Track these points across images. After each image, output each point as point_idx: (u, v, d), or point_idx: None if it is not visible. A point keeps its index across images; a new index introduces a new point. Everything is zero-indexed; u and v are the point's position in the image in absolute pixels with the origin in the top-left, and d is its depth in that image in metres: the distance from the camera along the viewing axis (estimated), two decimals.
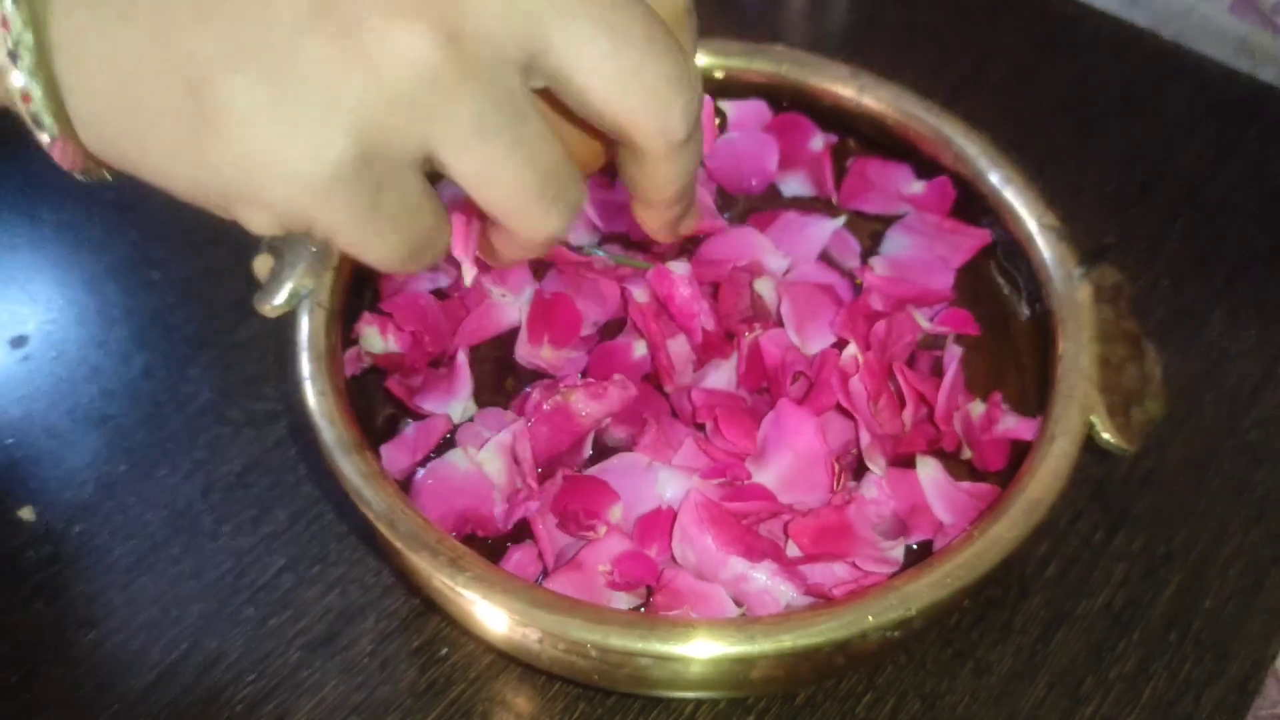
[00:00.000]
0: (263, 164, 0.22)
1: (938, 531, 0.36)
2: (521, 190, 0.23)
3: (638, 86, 0.23)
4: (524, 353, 0.38)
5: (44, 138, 0.23)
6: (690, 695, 0.38)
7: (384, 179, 0.23)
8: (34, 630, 0.41)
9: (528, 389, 0.38)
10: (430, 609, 0.41)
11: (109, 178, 0.25)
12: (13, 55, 0.22)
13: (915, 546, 0.36)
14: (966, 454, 0.38)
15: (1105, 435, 0.35)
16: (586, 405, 0.35)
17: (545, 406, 0.35)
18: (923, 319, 0.39)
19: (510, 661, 0.40)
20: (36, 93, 0.22)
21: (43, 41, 0.22)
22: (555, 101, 0.24)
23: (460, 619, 0.35)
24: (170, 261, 0.52)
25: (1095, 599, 0.42)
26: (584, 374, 0.38)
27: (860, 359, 0.36)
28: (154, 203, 0.54)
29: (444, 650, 0.40)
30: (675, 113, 0.24)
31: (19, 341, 0.49)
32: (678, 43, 0.24)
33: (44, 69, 0.22)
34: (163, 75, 0.22)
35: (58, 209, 0.54)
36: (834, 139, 0.46)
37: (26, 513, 0.44)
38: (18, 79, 0.22)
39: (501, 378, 0.40)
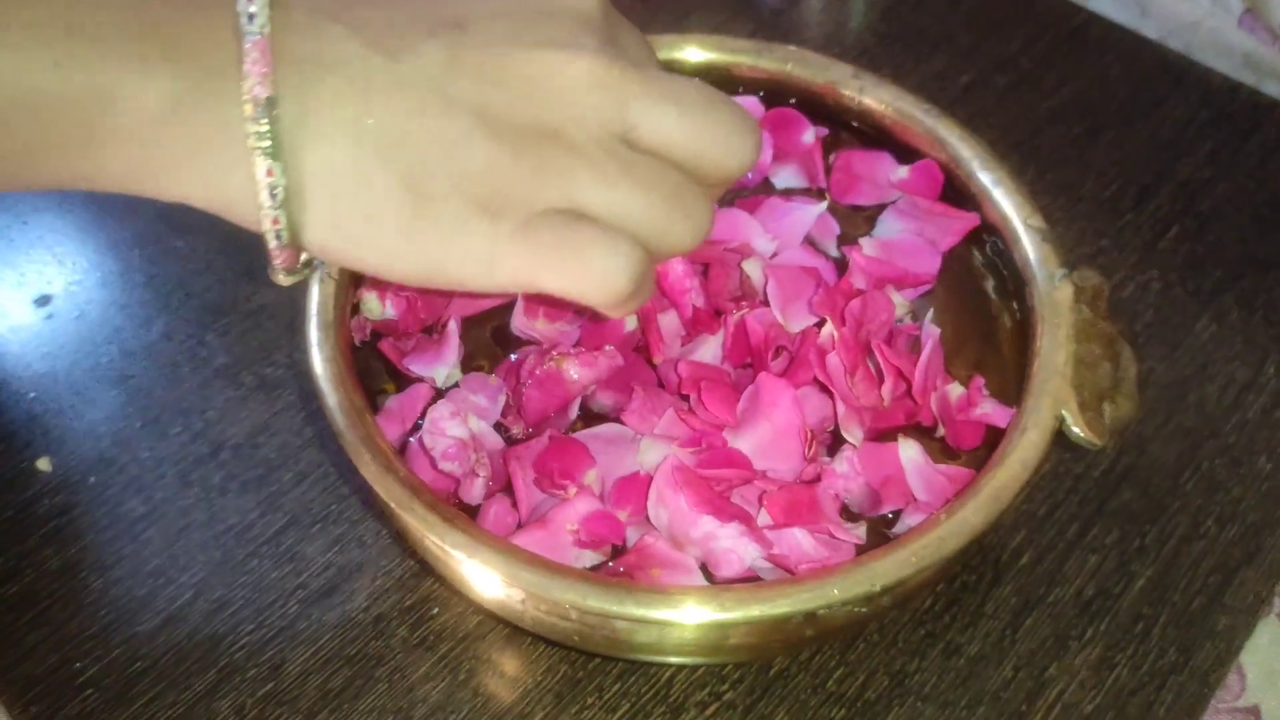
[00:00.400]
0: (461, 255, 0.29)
1: (909, 503, 0.38)
2: (651, 210, 0.30)
3: (710, 132, 0.31)
4: (520, 324, 0.40)
5: (274, 246, 0.29)
6: (666, 660, 0.39)
7: (563, 234, 0.29)
8: (44, 575, 0.43)
9: (517, 355, 0.39)
10: (424, 570, 0.43)
11: (306, 274, 0.32)
12: (272, 193, 0.28)
13: (890, 515, 0.38)
14: (941, 432, 0.39)
15: (1075, 429, 0.36)
16: (577, 371, 0.37)
17: (538, 371, 0.37)
18: (899, 298, 0.40)
19: (497, 623, 0.42)
20: (284, 219, 0.28)
21: (294, 173, 0.28)
22: None
23: (450, 578, 0.37)
24: (193, 230, 0.54)
25: (1067, 588, 0.43)
26: (576, 344, 0.40)
27: (836, 335, 0.37)
28: None
29: (435, 610, 0.42)
30: (745, 148, 0.31)
31: (44, 300, 0.51)
32: (726, 97, 0.32)
33: (294, 199, 0.28)
34: (391, 191, 0.28)
35: None
36: (824, 131, 0.47)
37: (44, 463, 0.46)
38: (272, 211, 0.28)
39: (493, 348, 0.41)
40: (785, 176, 0.47)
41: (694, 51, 0.47)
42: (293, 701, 0.40)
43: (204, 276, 0.52)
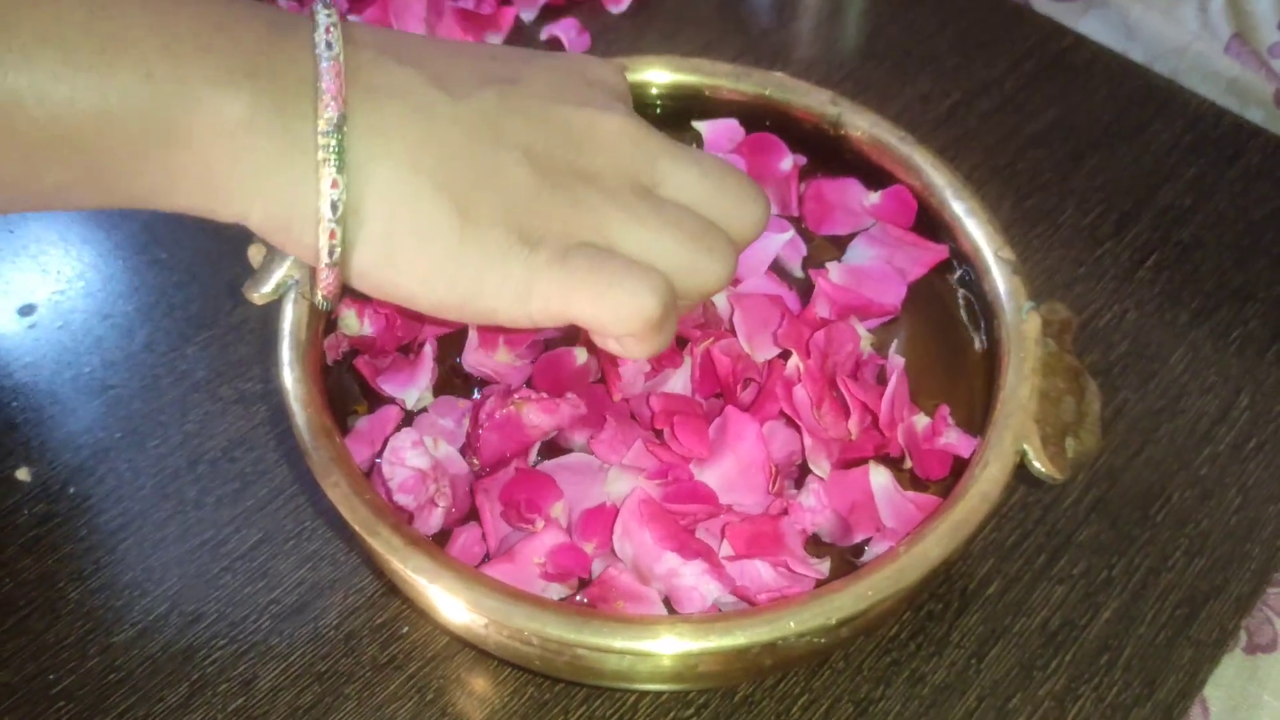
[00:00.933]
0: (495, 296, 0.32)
1: (877, 531, 0.38)
2: (680, 248, 0.32)
3: (724, 194, 0.34)
4: (472, 360, 0.40)
5: (325, 264, 0.31)
6: (629, 687, 0.40)
7: (598, 263, 0.32)
8: (22, 584, 0.44)
9: (480, 394, 0.40)
10: (393, 590, 0.43)
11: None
12: (334, 207, 0.30)
13: (864, 545, 0.38)
14: (909, 464, 0.40)
15: (1036, 464, 0.37)
16: (538, 417, 0.37)
17: (497, 415, 0.37)
18: (864, 330, 0.40)
19: (465, 645, 0.42)
20: (340, 234, 0.30)
21: (355, 189, 0.30)
22: None
23: (414, 600, 0.38)
24: (177, 243, 0.54)
25: (1033, 618, 0.44)
26: (529, 382, 0.40)
27: (801, 368, 0.38)
28: None
29: (405, 629, 0.43)
30: (756, 211, 0.35)
31: (28, 310, 0.51)
32: (739, 170, 0.36)
33: (352, 215, 0.30)
34: (442, 212, 0.31)
35: None
36: (803, 160, 0.48)
37: (23, 473, 0.46)
38: (330, 225, 0.30)
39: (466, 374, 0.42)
40: None
41: (672, 74, 0.48)
42: (263, 717, 0.41)
43: (187, 289, 0.52)
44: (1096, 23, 0.65)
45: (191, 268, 0.53)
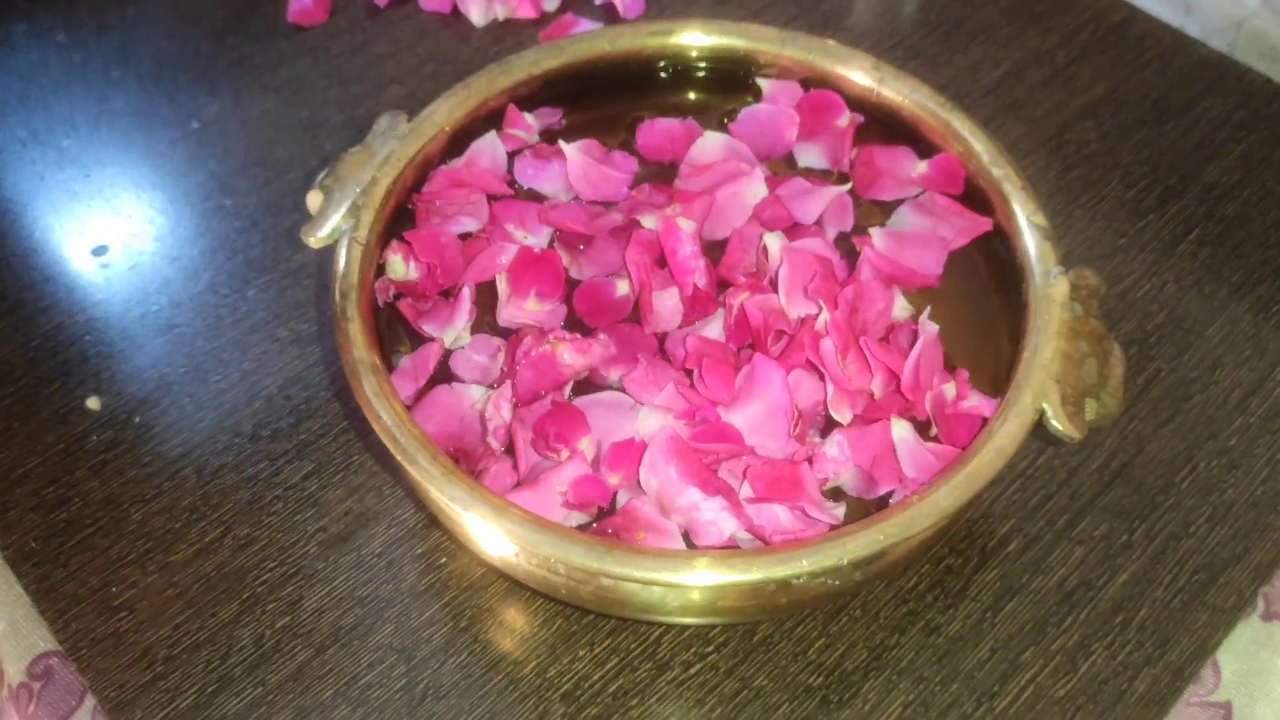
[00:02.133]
0: None
1: (900, 483, 0.39)
2: None
3: None
4: (506, 315, 0.42)
5: None
6: (651, 618, 0.42)
7: None
8: (90, 505, 0.47)
9: (516, 333, 0.42)
10: (434, 522, 0.45)
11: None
12: None
13: (887, 499, 0.39)
14: (935, 431, 0.41)
15: (1054, 423, 0.38)
16: (571, 357, 0.39)
17: (533, 353, 0.39)
18: (903, 301, 0.42)
19: (499, 575, 0.44)
20: None
21: None
22: None
23: (451, 529, 0.40)
24: (241, 191, 0.57)
25: (1050, 576, 0.45)
26: (569, 315, 0.42)
27: (828, 319, 0.39)
28: (232, 138, 0.59)
29: (443, 559, 0.45)
30: None
31: (100, 250, 0.54)
32: None
33: None
34: None
35: (148, 135, 0.59)
36: (860, 119, 0.49)
37: (94, 402, 0.49)
38: None
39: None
40: (810, 156, 0.49)
41: (719, 38, 0.49)
42: (307, 635, 0.43)
43: (249, 235, 0.55)
44: None
45: (254, 214, 0.56)
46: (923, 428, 0.41)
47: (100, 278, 0.54)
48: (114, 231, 0.55)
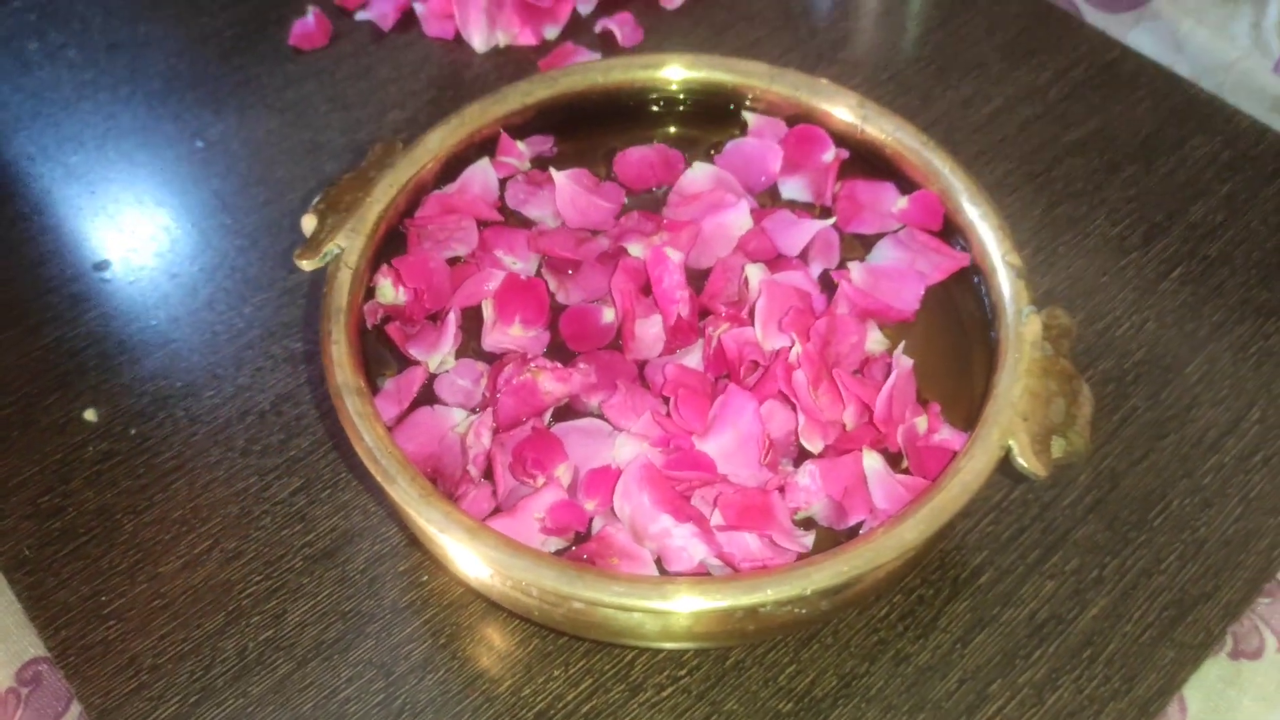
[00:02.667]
0: None
1: (870, 514, 0.40)
2: None
3: None
4: (491, 341, 0.43)
5: None
6: (621, 642, 0.42)
7: None
8: (84, 514, 0.48)
9: (498, 360, 0.43)
10: (415, 541, 0.46)
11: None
12: None
13: (858, 529, 0.40)
14: (906, 464, 0.41)
15: (1020, 460, 0.38)
16: (551, 385, 0.40)
17: (514, 381, 0.40)
18: (878, 335, 0.42)
19: (478, 595, 0.45)
20: None
21: None
22: None
23: (429, 549, 0.41)
24: (242, 210, 0.58)
25: (1020, 609, 0.45)
26: (553, 339, 0.43)
27: (800, 351, 0.40)
28: (235, 158, 0.61)
29: (424, 577, 0.46)
30: None
31: (102, 265, 0.56)
32: None
33: None
34: None
35: (153, 153, 0.61)
36: (845, 154, 0.50)
37: (90, 414, 0.50)
38: None
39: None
40: (793, 188, 0.50)
41: (708, 73, 0.50)
42: (289, 648, 0.44)
43: (248, 253, 0.56)
44: (1146, 35, 0.66)
45: (254, 234, 0.57)
46: (895, 459, 0.42)
47: (101, 292, 0.55)
48: (116, 247, 0.57)
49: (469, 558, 0.37)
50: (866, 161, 0.49)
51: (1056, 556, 0.47)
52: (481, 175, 0.49)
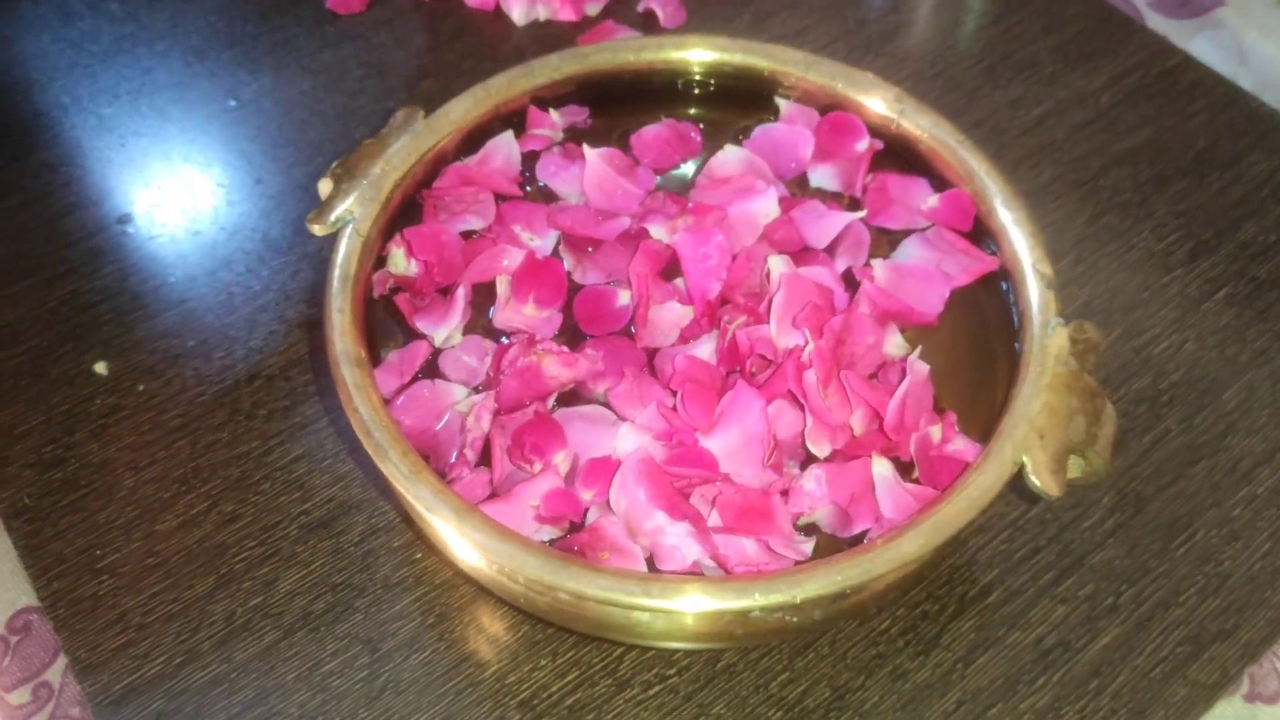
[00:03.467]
0: None
1: (876, 522, 0.39)
2: None
3: None
4: (503, 318, 0.42)
5: None
6: (605, 636, 0.41)
7: None
8: (86, 467, 0.48)
9: (506, 340, 0.42)
10: (410, 518, 0.46)
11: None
12: None
13: (863, 537, 0.39)
14: (916, 474, 0.40)
15: (1033, 478, 0.37)
16: (556, 369, 0.39)
17: (519, 363, 0.39)
18: (899, 339, 0.41)
19: (470, 578, 0.44)
20: None
21: None
22: None
23: (419, 527, 0.40)
24: (269, 172, 0.57)
25: (1028, 633, 0.44)
26: (565, 320, 0.42)
27: (812, 347, 0.38)
28: (267, 118, 0.60)
29: (418, 555, 0.45)
30: None
31: (125, 219, 0.56)
32: None
33: None
34: None
35: (186, 110, 0.61)
36: (879, 145, 0.48)
37: (101, 367, 0.50)
38: None
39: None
40: (823, 177, 0.48)
41: (743, 57, 0.48)
42: (277, 616, 0.44)
43: (271, 216, 0.56)
44: (1208, 44, 0.63)
45: (279, 196, 0.57)
46: (906, 468, 0.40)
47: (122, 246, 0.55)
48: (141, 201, 0.56)
49: (456, 540, 0.36)
50: (900, 157, 0.48)
51: (1071, 580, 0.45)
52: (505, 148, 0.48)
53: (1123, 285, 0.54)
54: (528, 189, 0.47)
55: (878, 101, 0.47)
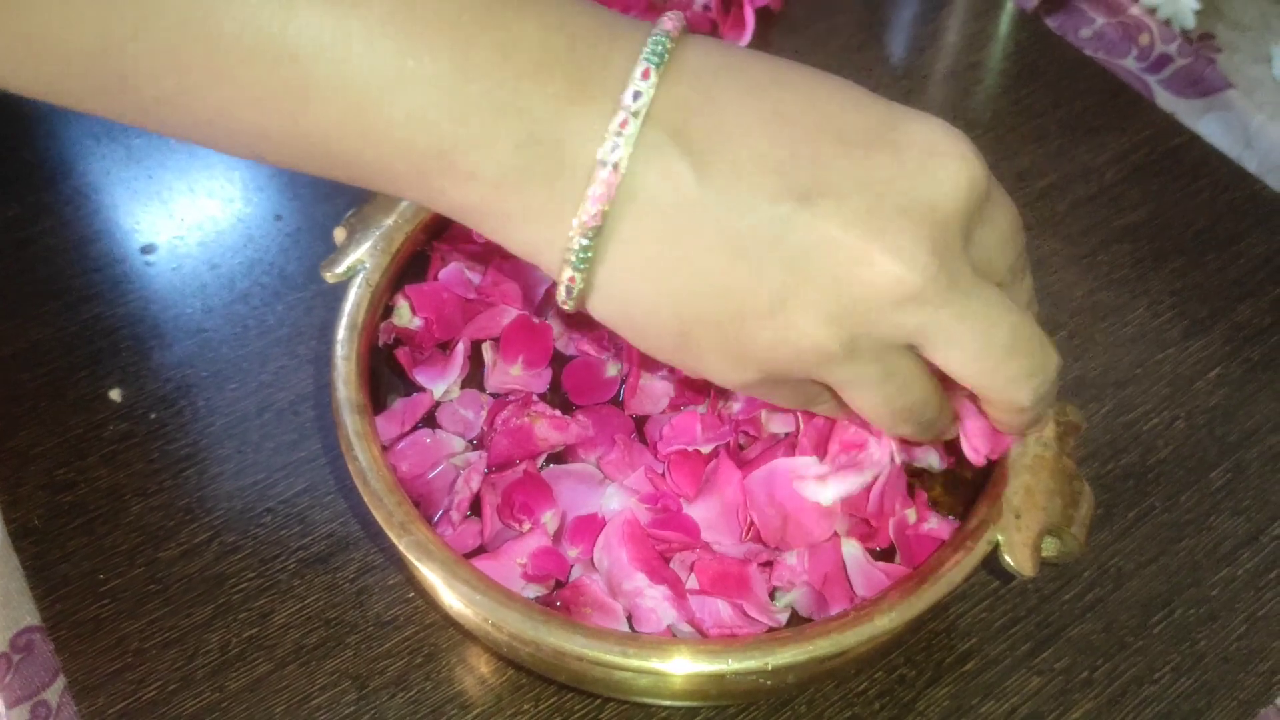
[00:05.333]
0: (786, 343, 0.31)
1: (850, 603, 0.40)
2: (887, 413, 0.33)
3: (995, 377, 0.32)
4: (495, 382, 0.43)
5: (562, 299, 0.31)
6: (581, 688, 0.42)
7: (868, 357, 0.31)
8: (95, 491, 0.49)
9: (499, 399, 0.43)
10: (398, 562, 0.47)
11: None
12: (568, 289, 0.31)
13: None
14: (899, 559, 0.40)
15: (1007, 557, 0.38)
16: (547, 432, 0.40)
17: (512, 423, 0.40)
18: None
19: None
20: (579, 284, 0.31)
21: (599, 254, 0.30)
22: None
23: (409, 572, 0.41)
24: (292, 209, 0.59)
25: (1002, 703, 0.44)
26: (550, 388, 0.43)
27: (801, 427, 0.39)
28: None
29: (410, 594, 0.46)
30: (1024, 394, 0.33)
31: (149, 249, 0.57)
32: (1039, 337, 0.33)
33: (590, 291, 0.31)
34: (665, 330, 0.31)
35: None
36: None
37: (115, 394, 0.52)
38: (571, 275, 0.30)
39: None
40: None
41: None
42: (270, 649, 0.45)
43: (290, 252, 0.57)
44: (1216, 125, 0.64)
45: (299, 232, 0.58)
46: (885, 557, 0.41)
47: (145, 274, 0.57)
48: (165, 232, 0.58)
49: (444, 590, 0.37)
50: None
51: (1048, 652, 0.46)
52: None
53: (1116, 361, 0.55)
54: None
55: None
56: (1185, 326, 0.56)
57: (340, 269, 0.45)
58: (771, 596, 0.39)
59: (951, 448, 0.41)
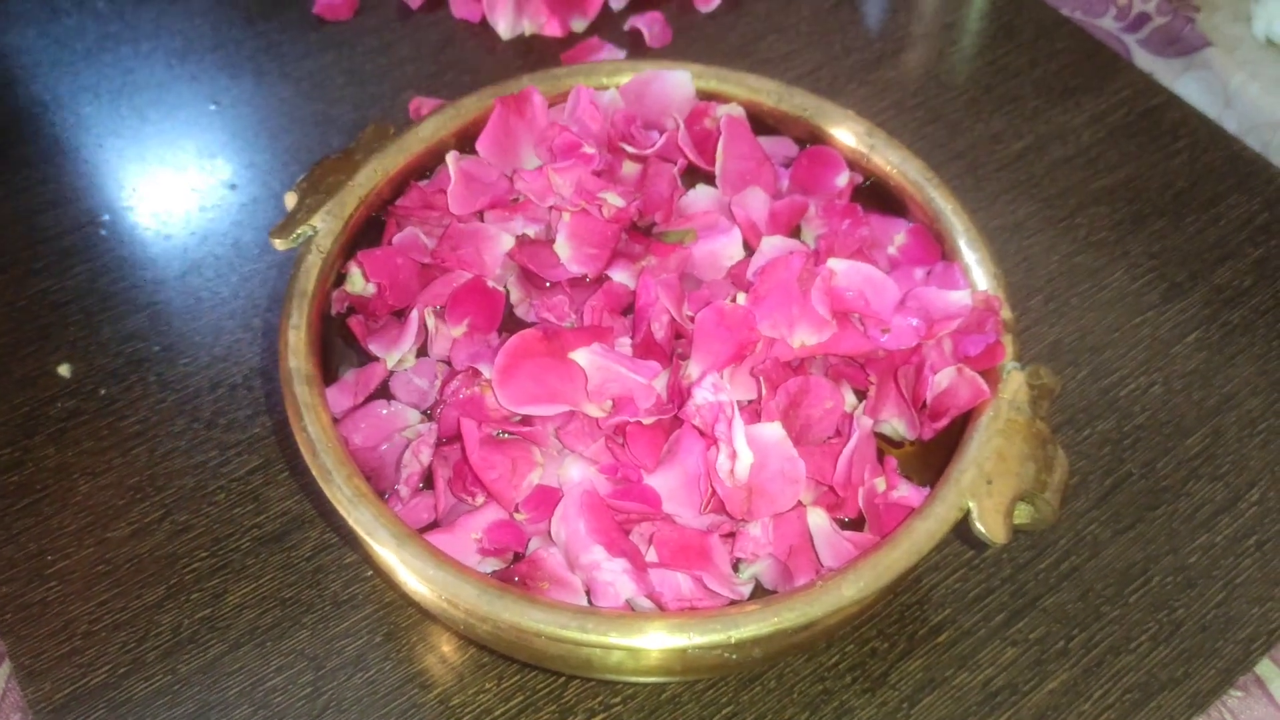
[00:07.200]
0: None
1: (817, 574, 0.38)
2: None
3: None
4: (439, 349, 0.42)
5: None
6: (542, 667, 0.41)
7: None
8: (41, 471, 0.47)
9: (449, 372, 0.41)
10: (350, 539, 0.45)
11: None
12: None
13: None
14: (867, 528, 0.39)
15: (977, 524, 0.36)
16: (498, 403, 0.39)
17: (461, 395, 0.39)
18: (849, 392, 0.40)
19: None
20: None
21: None
22: None
23: (362, 549, 0.40)
24: (245, 179, 0.57)
25: (976, 674, 0.43)
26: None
27: (763, 392, 0.38)
28: (246, 124, 0.60)
29: (368, 572, 0.45)
30: None
31: (98, 219, 0.56)
32: None
33: None
34: None
35: (166, 113, 0.60)
36: (859, 178, 0.47)
37: (64, 369, 0.50)
38: None
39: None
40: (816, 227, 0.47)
41: (716, 84, 0.48)
42: (224, 630, 0.44)
43: (244, 223, 0.56)
44: (1195, 84, 0.63)
45: (252, 203, 0.57)
46: (854, 526, 0.40)
47: (94, 247, 0.55)
48: (115, 203, 0.56)
49: (397, 565, 0.36)
50: (875, 193, 0.47)
51: (1022, 622, 0.45)
52: None
53: (1093, 325, 0.53)
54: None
55: (848, 135, 0.47)
56: (1164, 289, 0.55)
57: (290, 235, 0.43)
58: (735, 569, 0.37)
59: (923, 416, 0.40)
